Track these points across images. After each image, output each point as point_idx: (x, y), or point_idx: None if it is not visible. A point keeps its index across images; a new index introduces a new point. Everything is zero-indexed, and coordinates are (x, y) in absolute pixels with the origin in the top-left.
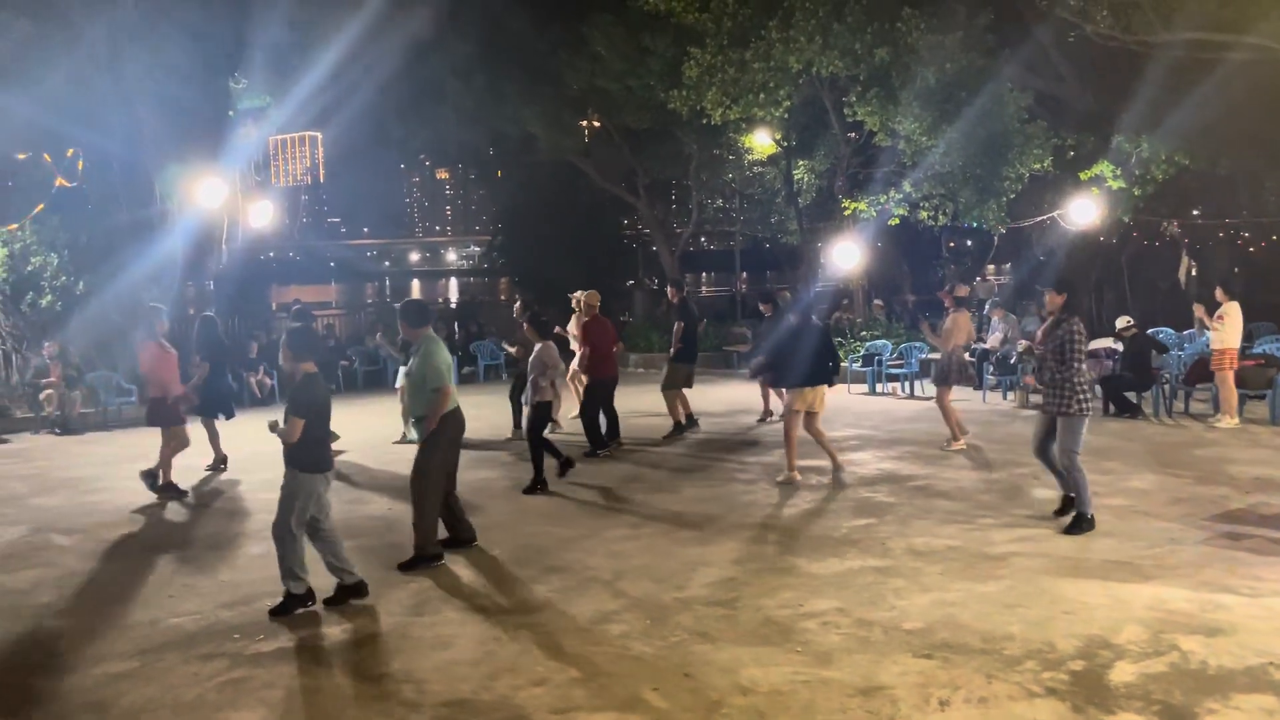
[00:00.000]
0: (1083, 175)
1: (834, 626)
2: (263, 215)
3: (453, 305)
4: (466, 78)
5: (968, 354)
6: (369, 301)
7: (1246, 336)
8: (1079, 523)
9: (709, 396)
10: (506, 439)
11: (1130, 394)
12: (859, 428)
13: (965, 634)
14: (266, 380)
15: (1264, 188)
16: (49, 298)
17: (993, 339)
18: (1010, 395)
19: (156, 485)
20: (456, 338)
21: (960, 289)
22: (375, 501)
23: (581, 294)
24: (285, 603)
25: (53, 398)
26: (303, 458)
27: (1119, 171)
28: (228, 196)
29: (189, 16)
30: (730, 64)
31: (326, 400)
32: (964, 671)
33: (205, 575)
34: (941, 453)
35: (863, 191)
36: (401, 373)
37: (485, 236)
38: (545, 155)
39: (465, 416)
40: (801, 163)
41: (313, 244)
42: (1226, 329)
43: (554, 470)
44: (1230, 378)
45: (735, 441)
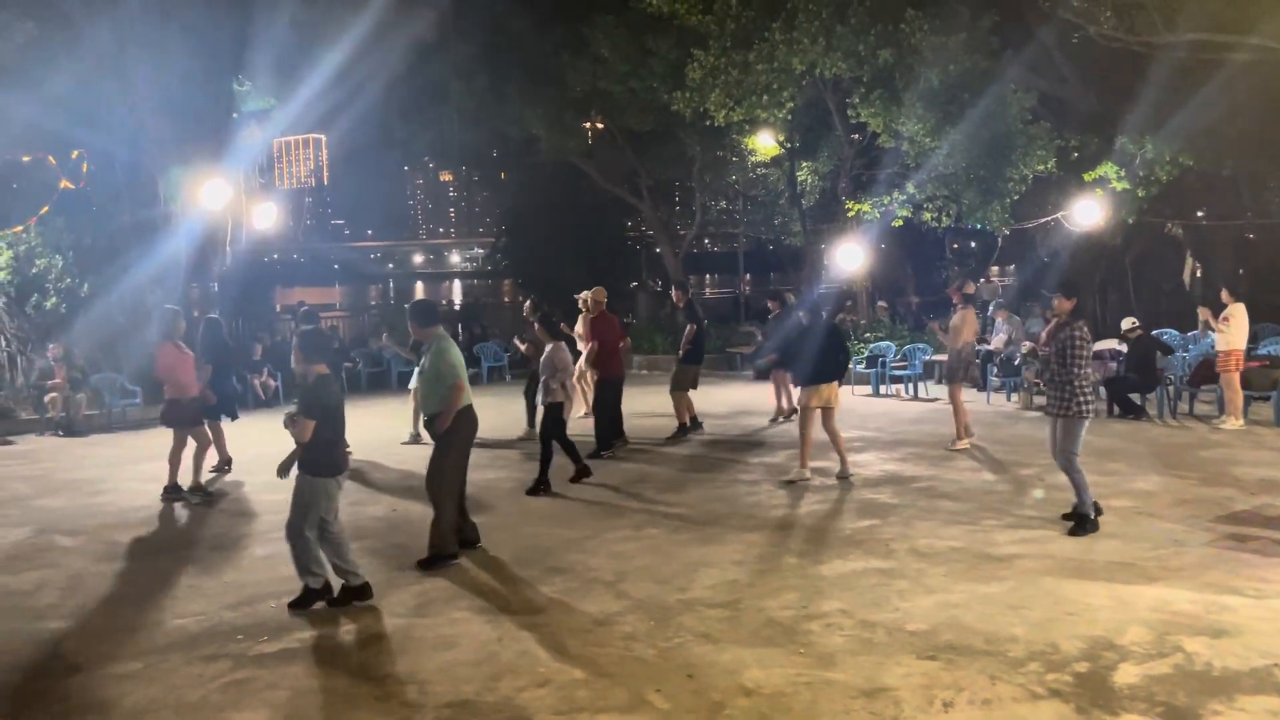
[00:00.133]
0: (1086, 176)
1: (837, 628)
2: (267, 217)
3: (456, 307)
4: (469, 79)
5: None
6: (373, 304)
7: (1251, 338)
8: (1081, 524)
9: (712, 398)
10: (518, 438)
11: (1135, 395)
12: (863, 429)
13: (969, 635)
14: (270, 382)
15: (1268, 188)
16: (53, 300)
17: (997, 340)
18: (1014, 397)
19: (188, 490)
20: (460, 339)
21: (968, 285)
22: (379, 502)
23: (588, 292)
24: (303, 596)
25: (57, 400)
26: (313, 461)
27: (1123, 173)
28: (232, 198)
29: (193, 18)
30: (733, 65)
31: (339, 402)
32: (968, 673)
33: (209, 576)
34: (946, 453)
35: (866, 193)
36: (415, 373)
37: (489, 238)
38: (548, 157)
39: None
40: (805, 164)
41: (316, 246)
42: (1232, 331)
43: (562, 472)
44: (1236, 379)
45: (739, 442)
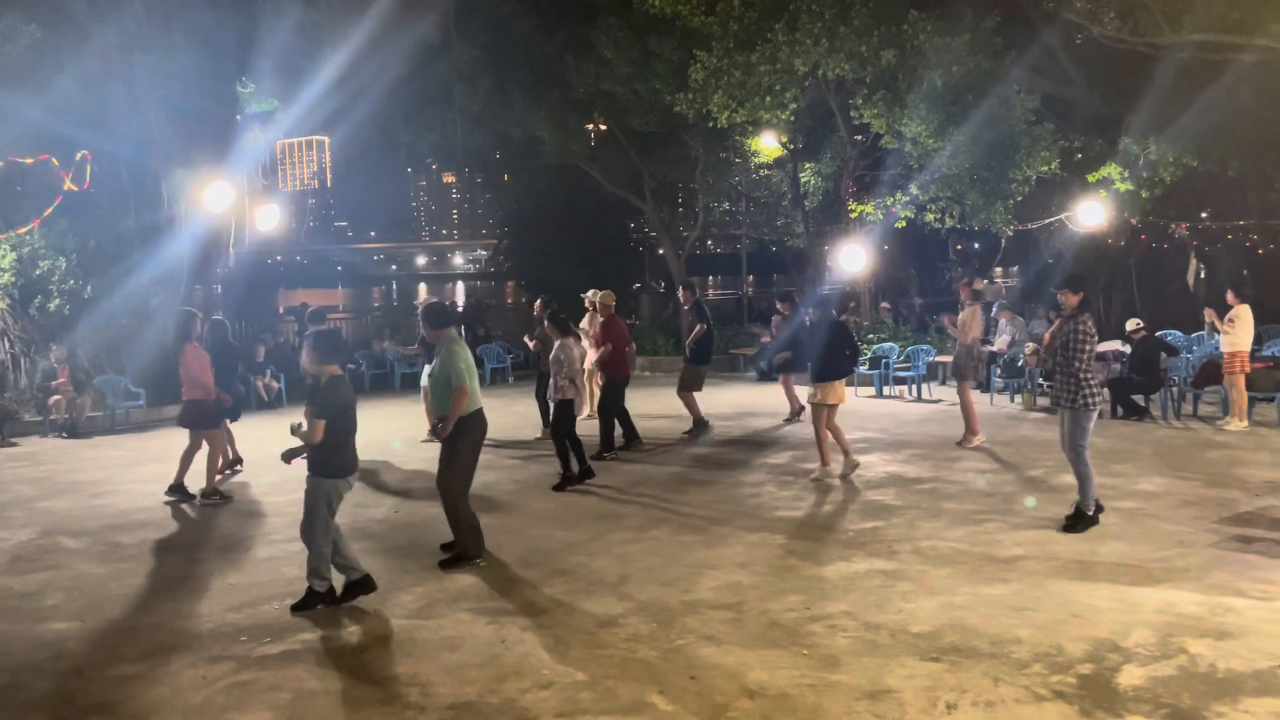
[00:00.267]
0: (1090, 177)
1: (841, 630)
2: (270, 219)
3: (460, 309)
4: (473, 81)
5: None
6: (376, 305)
7: (1256, 339)
8: (1078, 520)
9: (716, 399)
10: (536, 438)
11: (1138, 397)
12: (866, 430)
13: (972, 637)
14: (274, 383)
15: (1273, 189)
16: (57, 301)
17: (1000, 341)
18: (1017, 398)
19: (202, 495)
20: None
21: (977, 282)
22: (382, 504)
23: (596, 293)
24: (306, 599)
25: (61, 402)
26: (325, 461)
27: (1127, 174)
28: (235, 200)
29: (197, 21)
30: (736, 67)
31: (351, 403)
32: (971, 675)
33: (212, 578)
34: (950, 454)
35: (869, 194)
36: (425, 373)
37: (492, 240)
38: (551, 159)
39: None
40: (808, 165)
41: (319, 248)
42: (1238, 332)
43: (549, 479)
44: (1241, 380)
45: (743, 443)
